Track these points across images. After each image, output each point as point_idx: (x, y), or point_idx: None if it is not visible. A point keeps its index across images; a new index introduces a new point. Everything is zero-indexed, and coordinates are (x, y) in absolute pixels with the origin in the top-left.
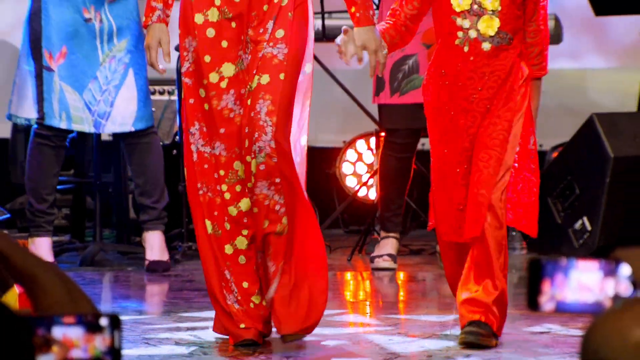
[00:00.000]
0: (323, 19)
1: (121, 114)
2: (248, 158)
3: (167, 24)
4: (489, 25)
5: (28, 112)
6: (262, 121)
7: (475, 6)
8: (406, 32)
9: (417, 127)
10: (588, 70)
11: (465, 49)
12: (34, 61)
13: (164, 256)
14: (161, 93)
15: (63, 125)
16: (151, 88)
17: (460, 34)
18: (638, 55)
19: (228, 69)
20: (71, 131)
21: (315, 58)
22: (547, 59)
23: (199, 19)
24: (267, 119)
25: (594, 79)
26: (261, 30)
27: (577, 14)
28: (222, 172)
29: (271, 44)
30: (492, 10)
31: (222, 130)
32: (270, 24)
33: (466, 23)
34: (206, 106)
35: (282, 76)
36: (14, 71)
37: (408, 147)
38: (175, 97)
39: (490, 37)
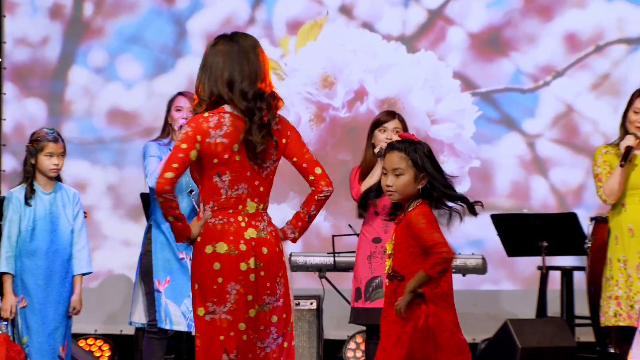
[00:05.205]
0: (334, 256)
1: None
2: None
3: None
4: (388, 265)
5: (142, 318)
6: None
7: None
8: None
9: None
10: (503, 291)
11: (387, 282)
12: (146, 286)
13: None
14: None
15: (167, 327)
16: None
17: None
18: (536, 281)
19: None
20: (171, 330)
21: (330, 283)
22: (437, 267)
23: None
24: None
25: (507, 297)
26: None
27: (496, 254)
28: None
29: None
30: (389, 254)
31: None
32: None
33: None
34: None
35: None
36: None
37: None
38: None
39: (388, 274)
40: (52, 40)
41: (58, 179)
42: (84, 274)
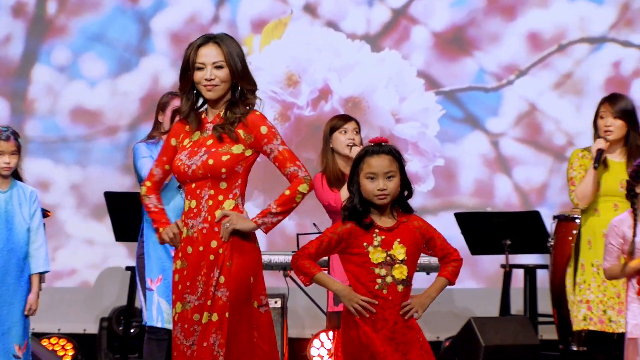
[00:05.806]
0: None
1: None
2: None
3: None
4: (401, 272)
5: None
6: (215, 352)
7: (388, 258)
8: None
9: None
10: (467, 289)
11: (384, 291)
12: (141, 286)
13: None
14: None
15: (159, 324)
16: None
17: (379, 280)
18: (499, 280)
19: (178, 307)
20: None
21: (294, 281)
22: (457, 275)
23: (174, 266)
24: (219, 350)
25: (470, 295)
26: (212, 275)
27: (460, 253)
28: None
29: (218, 288)
30: (401, 260)
31: (175, 354)
32: (216, 272)
33: (383, 271)
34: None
35: (227, 315)
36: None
37: None
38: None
39: (402, 280)
40: (15, 38)
41: (17, 177)
42: (41, 273)
